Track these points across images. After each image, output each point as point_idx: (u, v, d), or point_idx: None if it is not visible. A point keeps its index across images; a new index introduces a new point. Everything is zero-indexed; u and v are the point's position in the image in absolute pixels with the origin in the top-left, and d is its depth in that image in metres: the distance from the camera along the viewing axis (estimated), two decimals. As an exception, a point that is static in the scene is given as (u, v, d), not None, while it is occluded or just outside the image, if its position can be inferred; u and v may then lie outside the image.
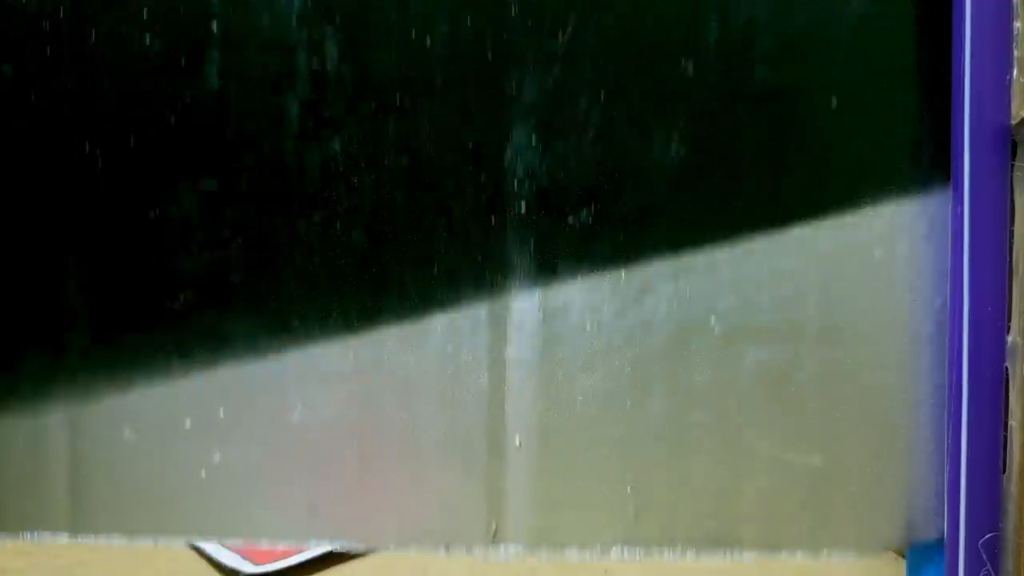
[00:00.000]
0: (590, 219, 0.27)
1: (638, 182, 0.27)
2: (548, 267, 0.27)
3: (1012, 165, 0.26)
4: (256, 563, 0.33)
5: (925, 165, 0.27)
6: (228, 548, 0.35)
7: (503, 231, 0.27)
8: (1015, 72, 0.25)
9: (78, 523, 0.27)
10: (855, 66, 0.26)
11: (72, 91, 0.26)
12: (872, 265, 0.27)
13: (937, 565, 0.27)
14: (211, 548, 0.35)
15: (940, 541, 0.27)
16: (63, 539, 0.27)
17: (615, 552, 0.27)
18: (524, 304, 0.27)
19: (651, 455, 0.27)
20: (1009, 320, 0.26)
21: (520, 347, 0.27)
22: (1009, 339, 0.26)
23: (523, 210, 0.26)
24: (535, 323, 0.27)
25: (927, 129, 0.27)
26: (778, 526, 0.27)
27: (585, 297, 0.27)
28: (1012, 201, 0.26)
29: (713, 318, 0.27)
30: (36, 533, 0.27)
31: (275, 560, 0.33)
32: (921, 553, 0.28)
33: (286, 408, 0.27)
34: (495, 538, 0.27)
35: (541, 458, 0.27)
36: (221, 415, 0.27)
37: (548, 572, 0.34)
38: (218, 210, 0.26)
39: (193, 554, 0.36)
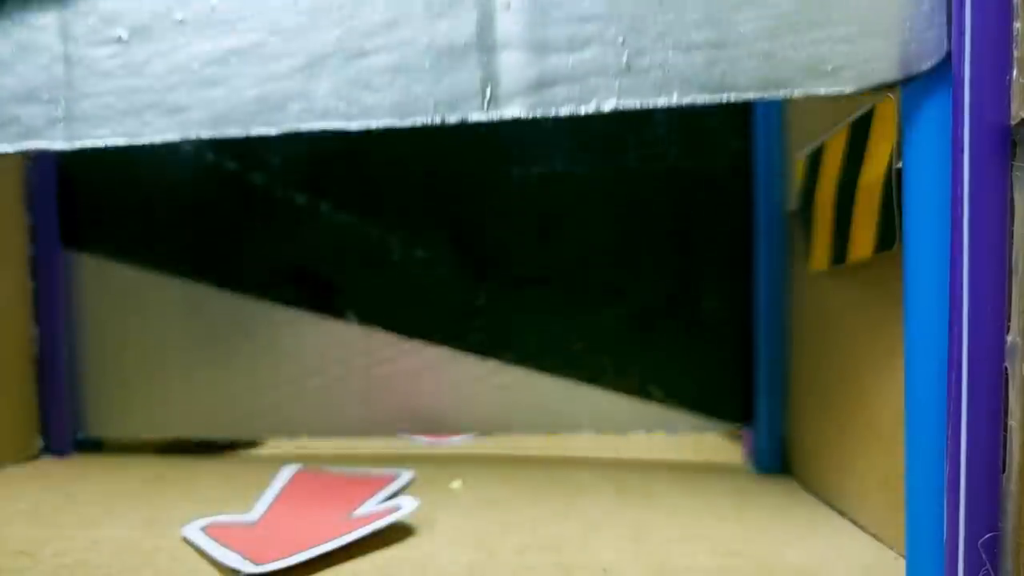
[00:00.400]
0: None
1: None
2: None
3: (1012, 165, 0.26)
4: (257, 563, 0.33)
5: None
6: (228, 547, 0.35)
7: None
8: (1015, 72, 0.25)
9: (74, 128, 0.27)
10: None
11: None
12: None
13: (937, 565, 0.27)
14: (212, 547, 0.36)
15: (941, 67, 0.26)
16: (59, 145, 0.27)
17: (609, 105, 0.27)
18: None
19: (642, 6, 0.27)
20: (1008, 320, 0.26)
21: None
22: (1008, 339, 0.26)
23: None
24: None
25: None
26: (773, 66, 0.27)
27: None
28: (1012, 201, 0.26)
29: None
30: (32, 141, 0.26)
31: (276, 559, 0.33)
32: (921, 554, 0.28)
33: None
34: (491, 104, 0.27)
35: (531, 18, 0.27)
36: (213, 4, 0.26)
37: (546, 570, 0.34)
38: None
39: (194, 553, 0.36)
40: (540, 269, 0.56)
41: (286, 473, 0.49)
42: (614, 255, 0.56)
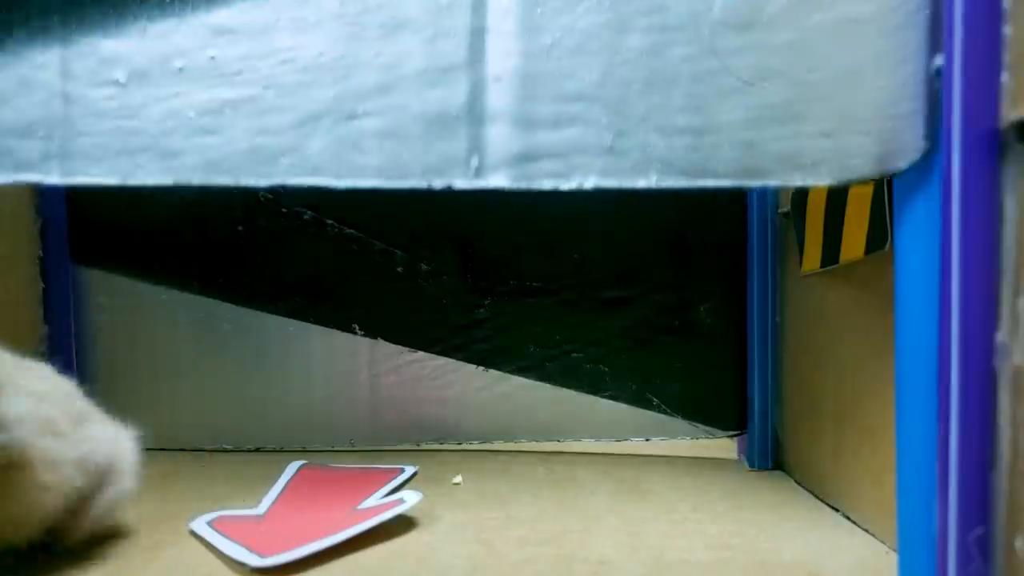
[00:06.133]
0: None
1: None
2: None
3: (1001, 168, 0.26)
4: (263, 555, 0.34)
5: None
6: (235, 541, 0.36)
7: None
8: (1005, 75, 0.26)
9: (69, 165, 0.27)
10: None
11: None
12: None
13: (928, 560, 0.28)
14: (218, 541, 0.36)
15: (923, 160, 0.27)
16: (53, 180, 0.27)
17: (590, 182, 0.27)
18: None
19: (628, 90, 0.27)
20: (998, 319, 0.26)
21: None
22: (998, 338, 0.26)
23: None
24: None
25: None
26: (753, 155, 0.27)
27: None
28: (1001, 203, 0.26)
29: None
30: (26, 174, 0.27)
31: (281, 553, 0.34)
32: (913, 549, 0.29)
33: (274, 49, 0.27)
34: (477, 173, 0.27)
35: (521, 94, 0.27)
36: (211, 56, 0.27)
37: (545, 565, 0.35)
38: None
39: (200, 547, 0.36)
40: (541, 281, 0.57)
41: (291, 468, 0.50)
42: (613, 266, 0.57)
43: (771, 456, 0.54)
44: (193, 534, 0.38)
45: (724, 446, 0.59)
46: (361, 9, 0.27)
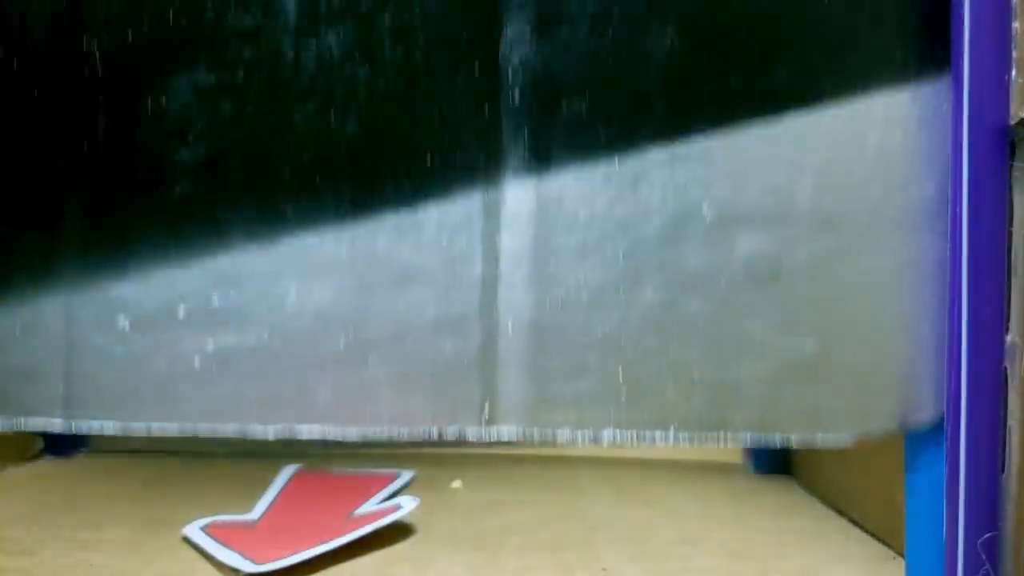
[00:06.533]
0: (584, 108, 0.27)
1: (633, 72, 0.26)
2: (542, 156, 0.27)
3: (1011, 165, 0.26)
4: (257, 562, 0.33)
5: (920, 52, 0.26)
6: (229, 547, 0.35)
7: (497, 121, 0.27)
8: (1014, 72, 0.25)
9: (72, 410, 0.27)
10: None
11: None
12: (865, 152, 0.27)
13: (936, 565, 0.27)
14: (212, 547, 0.36)
15: (939, 427, 0.27)
16: (57, 425, 0.27)
17: (607, 435, 0.27)
18: (518, 193, 0.27)
19: (643, 342, 0.27)
20: (1008, 320, 0.26)
21: (514, 236, 0.27)
22: (1008, 339, 0.26)
23: (517, 100, 0.26)
24: (529, 212, 0.27)
25: (922, 15, 0.26)
26: (771, 411, 0.27)
27: (579, 186, 0.27)
28: (1011, 201, 0.26)
29: (706, 206, 0.27)
30: (30, 419, 0.27)
31: (276, 559, 0.33)
32: (921, 554, 0.28)
33: (281, 296, 0.27)
34: (488, 420, 0.27)
35: (534, 344, 0.27)
36: (215, 303, 0.27)
37: (546, 573, 0.34)
38: (213, 102, 0.26)
39: (194, 553, 0.36)
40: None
41: (286, 473, 0.49)
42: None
43: (777, 461, 0.54)
44: (187, 540, 0.37)
45: (729, 450, 0.59)
46: (370, 258, 0.27)
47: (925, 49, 0.26)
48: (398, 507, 0.39)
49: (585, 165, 0.27)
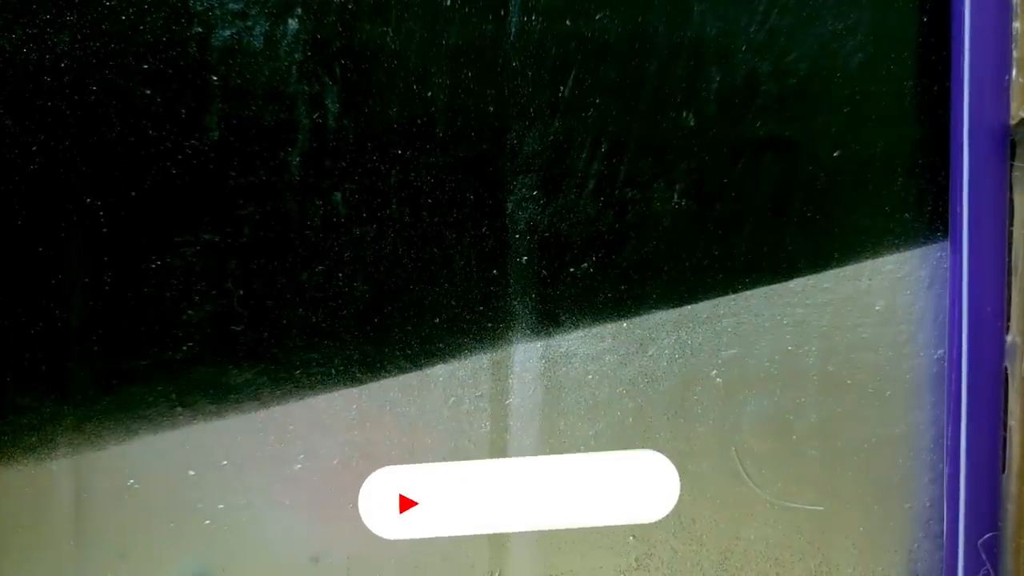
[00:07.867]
0: (591, 270, 0.27)
1: (639, 233, 0.27)
2: (550, 317, 0.27)
3: (1011, 165, 0.26)
4: None
5: (925, 217, 0.27)
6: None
7: (505, 282, 0.27)
8: (1014, 72, 0.25)
9: (83, 570, 0.27)
10: (856, 118, 0.27)
11: (74, 143, 0.26)
12: (873, 315, 0.27)
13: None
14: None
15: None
16: None
17: None
18: (526, 354, 0.27)
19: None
20: (1008, 320, 0.26)
21: (522, 396, 0.27)
22: (1008, 339, 0.26)
23: (524, 261, 0.27)
24: (537, 372, 0.27)
25: (927, 182, 0.27)
26: (781, 572, 0.28)
27: (587, 347, 0.27)
28: (1011, 201, 0.26)
29: (715, 368, 0.27)
30: None
31: None
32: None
33: (289, 457, 0.27)
34: None
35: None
36: (224, 464, 0.27)
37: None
38: (220, 261, 0.26)
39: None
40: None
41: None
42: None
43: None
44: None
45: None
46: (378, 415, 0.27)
47: (931, 215, 0.27)
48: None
49: (593, 326, 0.27)
